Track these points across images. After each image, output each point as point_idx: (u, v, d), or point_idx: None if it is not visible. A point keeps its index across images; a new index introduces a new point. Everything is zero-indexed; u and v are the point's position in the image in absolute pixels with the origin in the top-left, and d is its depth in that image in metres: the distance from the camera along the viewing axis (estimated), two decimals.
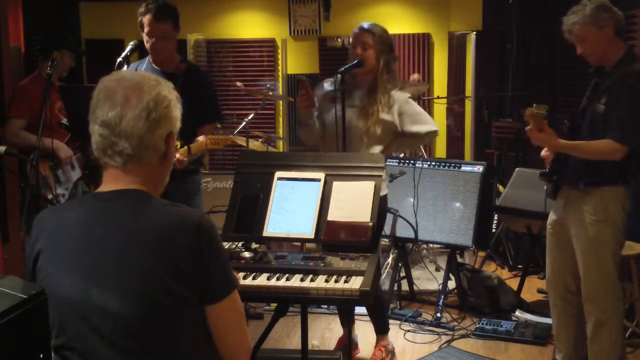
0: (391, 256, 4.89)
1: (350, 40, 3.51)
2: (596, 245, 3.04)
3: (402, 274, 4.65)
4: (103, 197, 1.65)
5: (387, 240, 4.86)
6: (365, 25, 3.42)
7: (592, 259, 3.06)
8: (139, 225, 1.59)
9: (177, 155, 3.16)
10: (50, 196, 3.96)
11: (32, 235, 1.68)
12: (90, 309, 1.56)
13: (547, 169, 3.17)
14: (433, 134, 3.53)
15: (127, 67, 3.15)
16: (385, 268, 4.85)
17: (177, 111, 1.69)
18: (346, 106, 3.40)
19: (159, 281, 1.54)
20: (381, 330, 3.67)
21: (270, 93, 5.83)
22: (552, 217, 3.30)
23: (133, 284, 1.55)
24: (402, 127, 3.43)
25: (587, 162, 3.02)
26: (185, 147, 3.20)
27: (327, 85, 3.53)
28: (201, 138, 3.29)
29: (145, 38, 3.29)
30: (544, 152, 3.26)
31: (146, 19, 3.25)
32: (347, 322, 3.20)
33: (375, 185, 2.62)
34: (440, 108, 6.96)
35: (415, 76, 6.80)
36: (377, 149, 3.41)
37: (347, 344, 3.13)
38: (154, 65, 3.35)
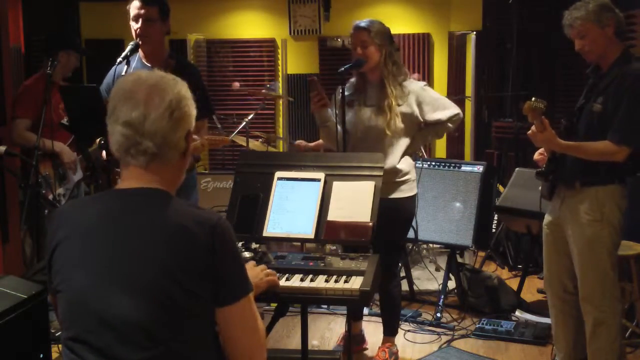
0: None
1: (350, 40, 3.51)
2: (592, 245, 3.04)
3: (402, 274, 4.65)
4: (124, 194, 1.67)
5: None
6: (360, 23, 3.42)
7: (588, 259, 3.07)
8: (156, 223, 1.61)
9: None
10: (50, 196, 3.97)
11: (52, 227, 1.69)
12: (102, 302, 1.57)
13: (544, 168, 3.18)
14: (456, 117, 3.44)
15: (127, 67, 3.15)
16: None
17: (193, 109, 1.72)
18: (362, 107, 3.42)
19: (172, 277, 1.56)
20: (389, 332, 3.67)
21: (272, 94, 5.83)
22: (547, 217, 3.30)
23: (146, 280, 1.56)
24: (423, 117, 3.39)
25: (583, 162, 3.02)
26: None
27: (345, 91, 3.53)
28: (197, 138, 3.26)
29: (132, 27, 3.27)
30: (536, 156, 3.27)
31: (133, 4, 3.25)
32: (348, 320, 3.20)
33: (375, 185, 2.62)
34: None
35: (415, 76, 6.79)
36: (403, 142, 3.38)
37: (348, 342, 3.14)
38: (144, 61, 3.34)
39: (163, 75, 1.69)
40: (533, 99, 2.90)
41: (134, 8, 3.25)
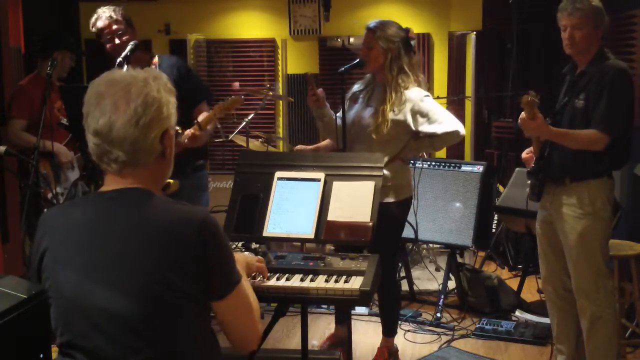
0: None
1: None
2: (584, 240, 3.07)
3: (402, 274, 4.65)
4: (107, 196, 1.66)
5: None
6: (370, 24, 3.41)
7: (581, 254, 3.09)
8: (143, 222, 1.60)
9: (191, 131, 3.21)
10: (50, 195, 3.97)
11: (37, 234, 1.68)
12: (93, 306, 1.57)
13: (533, 167, 3.21)
14: (453, 134, 3.36)
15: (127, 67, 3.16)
16: None
17: (169, 107, 1.67)
18: (366, 106, 3.43)
19: (162, 277, 1.55)
20: (388, 332, 3.67)
21: (271, 93, 5.83)
22: (540, 217, 3.33)
23: (136, 281, 1.56)
24: (416, 127, 3.36)
25: (571, 158, 3.08)
26: (195, 123, 3.25)
27: (356, 86, 3.54)
28: (204, 113, 3.37)
29: (108, 47, 3.41)
30: (524, 154, 3.32)
31: (100, 25, 3.38)
32: (348, 321, 3.20)
33: (375, 185, 2.61)
34: None
35: None
36: (391, 148, 3.36)
37: (348, 343, 3.13)
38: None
39: (134, 76, 1.65)
40: (530, 92, 2.97)
41: (105, 28, 3.36)
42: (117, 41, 3.36)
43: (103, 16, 3.37)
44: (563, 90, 3.25)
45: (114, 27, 3.36)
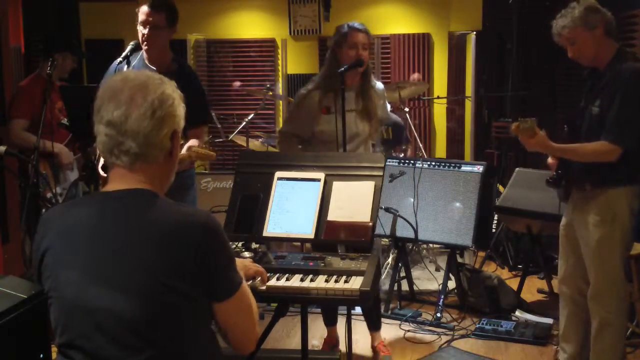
0: (391, 256, 4.89)
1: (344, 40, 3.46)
2: (603, 246, 3.03)
3: (402, 274, 4.65)
4: (111, 196, 1.65)
5: (387, 240, 4.86)
6: (360, 26, 3.44)
7: (599, 260, 3.06)
8: (145, 224, 1.60)
9: None
10: (49, 195, 3.97)
11: (39, 233, 1.68)
12: (95, 306, 1.56)
13: (554, 176, 3.17)
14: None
15: (128, 67, 3.15)
16: (385, 268, 4.85)
17: (181, 110, 1.71)
18: (342, 112, 3.40)
19: (164, 279, 1.55)
20: (376, 326, 3.72)
21: (270, 93, 5.84)
22: (563, 220, 3.30)
23: (137, 282, 1.56)
24: (383, 117, 3.67)
25: (590, 164, 3.02)
26: None
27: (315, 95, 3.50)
28: (185, 150, 3.14)
29: (139, 30, 3.28)
30: (550, 160, 3.26)
31: (142, 9, 3.27)
32: (348, 321, 3.19)
33: (375, 185, 2.62)
34: (440, 108, 6.96)
35: (415, 76, 6.80)
36: (370, 144, 3.61)
37: (348, 343, 3.13)
38: (146, 62, 3.34)
39: (150, 75, 1.69)
40: (520, 119, 2.91)
41: (142, 13, 3.25)
42: (145, 31, 3.24)
43: (150, 2, 3.26)
44: (584, 94, 3.17)
45: (149, 18, 3.23)
